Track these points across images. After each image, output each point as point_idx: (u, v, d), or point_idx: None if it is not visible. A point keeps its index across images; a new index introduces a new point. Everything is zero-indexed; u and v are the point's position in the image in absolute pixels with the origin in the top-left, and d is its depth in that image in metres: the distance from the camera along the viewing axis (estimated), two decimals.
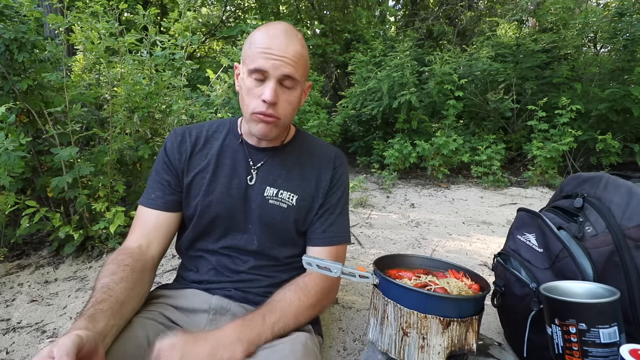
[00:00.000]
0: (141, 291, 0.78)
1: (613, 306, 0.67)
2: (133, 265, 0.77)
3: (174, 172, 0.89)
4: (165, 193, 0.88)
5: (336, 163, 0.95)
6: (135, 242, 0.84)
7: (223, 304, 0.85)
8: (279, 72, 0.76)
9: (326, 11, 7.29)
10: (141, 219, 0.88)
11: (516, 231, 1.04)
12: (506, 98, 3.95)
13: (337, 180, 0.93)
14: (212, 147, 0.91)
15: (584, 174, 0.98)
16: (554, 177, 3.38)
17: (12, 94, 1.70)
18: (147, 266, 0.82)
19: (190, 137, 0.91)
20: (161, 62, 2.28)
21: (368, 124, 4.63)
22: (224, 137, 0.93)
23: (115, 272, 0.74)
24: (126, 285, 0.73)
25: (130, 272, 0.75)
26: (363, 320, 1.28)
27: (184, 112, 2.19)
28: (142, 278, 0.79)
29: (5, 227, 1.77)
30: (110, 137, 1.90)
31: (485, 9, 6.58)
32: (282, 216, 0.88)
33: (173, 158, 0.89)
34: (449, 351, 0.74)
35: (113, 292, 0.69)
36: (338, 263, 0.78)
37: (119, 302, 0.69)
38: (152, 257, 0.85)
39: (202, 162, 0.89)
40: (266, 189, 0.88)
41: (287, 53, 0.76)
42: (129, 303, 0.72)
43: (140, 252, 0.82)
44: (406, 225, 2.44)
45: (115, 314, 0.67)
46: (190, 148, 0.90)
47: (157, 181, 0.89)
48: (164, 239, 0.88)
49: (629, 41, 3.53)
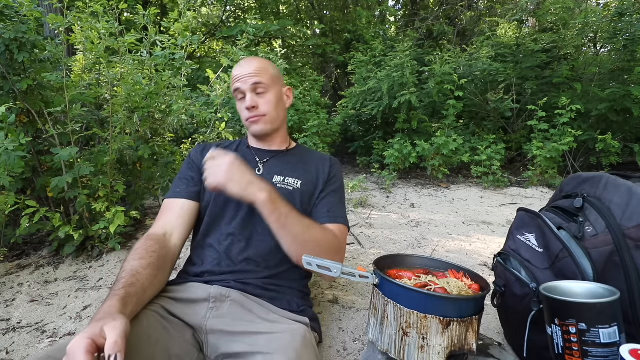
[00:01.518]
0: (163, 279, 0.84)
1: (613, 306, 0.67)
2: (159, 252, 0.84)
3: (196, 169, 1.03)
4: (188, 185, 1.01)
5: (332, 162, 1.12)
6: (162, 229, 0.92)
7: (222, 292, 0.87)
8: (248, 84, 1.00)
9: (326, 11, 7.29)
10: (167, 209, 0.98)
11: (516, 231, 1.04)
12: (506, 98, 3.95)
13: (334, 175, 1.09)
14: (227, 151, 1.00)
15: (584, 174, 0.98)
16: (554, 177, 3.38)
17: (12, 94, 1.70)
18: (169, 254, 0.88)
19: (209, 147, 1.06)
20: (161, 62, 2.28)
21: (368, 124, 4.64)
22: (236, 146, 1.12)
23: (143, 257, 0.79)
24: (151, 272, 0.78)
25: (156, 259, 0.81)
26: (363, 320, 1.28)
27: (184, 112, 2.19)
28: (165, 266, 0.85)
29: (5, 227, 1.77)
30: (110, 137, 1.90)
31: (485, 9, 6.58)
32: (289, 197, 0.97)
33: (196, 159, 1.05)
34: (449, 351, 0.74)
35: (140, 277, 0.75)
36: (338, 263, 0.79)
37: (144, 288, 0.74)
38: (175, 246, 0.92)
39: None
40: (274, 177, 1.02)
41: (250, 69, 1.00)
42: (151, 290, 0.78)
43: (165, 240, 0.90)
44: (406, 225, 2.44)
45: (139, 300, 0.72)
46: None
47: (181, 178, 1.03)
48: (186, 227, 0.96)
49: (629, 41, 3.53)
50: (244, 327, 0.80)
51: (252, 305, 0.87)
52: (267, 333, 0.78)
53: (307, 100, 4.43)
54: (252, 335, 0.78)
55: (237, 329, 0.80)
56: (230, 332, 0.79)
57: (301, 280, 1.02)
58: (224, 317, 0.83)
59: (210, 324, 0.81)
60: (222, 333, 0.80)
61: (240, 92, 1.01)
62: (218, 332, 0.80)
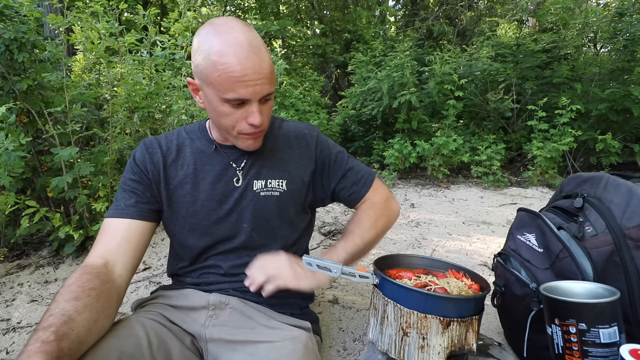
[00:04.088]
0: (105, 323, 0.65)
1: (613, 306, 0.67)
2: (100, 288, 0.66)
3: (146, 183, 0.83)
4: (138, 201, 0.81)
5: (309, 139, 0.92)
6: (101, 258, 0.73)
7: (222, 299, 0.84)
8: (259, 95, 0.73)
9: (326, 11, 7.29)
10: (108, 231, 0.78)
11: (516, 231, 1.04)
12: (506, 98, 3.95)
13: (321, 150, 0.93)
14: (186, 156, 0.86)
15: (584, 174, 0.98)
16: (554, 177, 3.38)
17: (12, 94, 1.70)
18: (113, 290, 0.70)
19: (161, 148, 0.86)
20: (161, 62, 2.28)
21: (368, 124, 4.63)
22: (196, 145, 0.88)
23: (79, 297, 0.62)
24: (89, 317, 0.60)
25: (95, 299, 0.63)
26: (363, 320, 1.28)
27: (184, 112, 2.19)
28: (109, 306, 0.67)
29: (5, 227, 1.77)
30: (110, 137, 1.90)
31: (485, 9, 6.58)
32: (277, 204, 0.86)
33: (145, 169, 0.83)
34: (449, 351, 0.74)
35: (75, 325, 0.57)
36: (338, 263, 0.78)
37: (79, 339, 0.57)
38: (121, 278, 0.74)
39: (178, 174, 0.85)
40: (254, 183, 0.85)
41: (262, 73, 0.71)
42: (89, 340, 0.60)
43: (107, 272, 0.71)
44: (406, 225, 2.44)
45: (72, 357, 0.56)
46: (162, 159, 0.85)
47: (128, 190, 0.82)
48: (134, 254, 0.77)
49: (629, 41, 3.52)
50: (244, 336, 0.77)
51: (252, 312, 0.84)
52: (267, 342, 0.75)
53: (307, 100, 4.44)
54: (253, 345, 0.75)
55: (237, 338, 0.77)
56: (230, 340, 0.77)
57: None
58: (224, 325, 0.80)
59: (209, 332, 0.79)
60: (222, 342, 0.77)
61: (239, 100, 0.73)
62: (218, 340, 0.78)
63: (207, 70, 0.71)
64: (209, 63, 0.70)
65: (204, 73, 0.72)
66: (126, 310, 1.36)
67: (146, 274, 1.70)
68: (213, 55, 0.69)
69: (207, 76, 0.71)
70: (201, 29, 0.74)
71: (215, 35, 0.71)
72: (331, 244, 0.86)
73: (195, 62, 0.74)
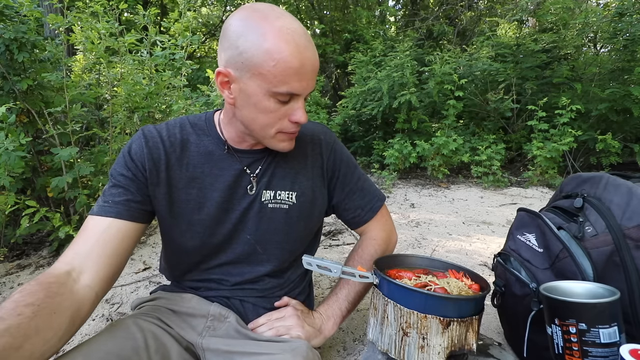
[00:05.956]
0: (39, 347, 0.51)
1: (613, 306, 0.67)
2: (41, 304, 0.53)
3: (141, 181, 0.73)
4: (130, 199, 0.71)
5: (325, 145, 0.87)
6: (67, 265, 0.62)
7: (222, 312, 0.82)
8: (308, 90, 0.68)
9: (326, 11, 7.29)
10: (85, 232, 0.67)
11: (516, 231, 1.04)
12: (506, 98, 3.95)
13: (333, 160, 0.87)
14: (191, 155, 0.78)
15: (584, 174, 0.98)
16: (554, 177, 3.38)
17: (12, 94, 1.70)
18: (69, 304, 0.57)
19: (163, 143, 0.76)
20: (161, 62, 2.28)
21: (368, 124, 4.64)
22: (204, 143, 0.78)
23: (2, 318, 0.49)
24: (8, 342, 0.47)
25: (28, 319, 0.51)
26: (363, 320, 1.28)
27: (184, 112, 2.19)
28: (52, 325, 0.53)
29: (5, 227, 1.77)
30: (110, 137, 1.90)
31: (485, 9, 6.58)
32: (285, 218, 0.81)
33: (142, 166, 0.73)
34: (449, 351, 0.74)
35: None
36: (338, 263, 0.79)
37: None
38: (89, 288, 0.62)
39: (183, 175, 0.77)
40: (263, 194, 0.79)
41: (315, 66, 0.66)
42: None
43: (66, 282, 0.59)
44: (406, 225, 2.43)
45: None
46: (165, 157, 0.75)
47: (118, 186, 0.72)
48: (111, 260, 0.66)
49: (629, 41, 3.53)
50: (242, 347, 0.74)
51: (250, 331, 0.82)
52: (266, 354, 0.72)
53: (307, 100, 4.43)
54: (251, 356, 0.72)
55: (235, 349, 0.74)
56: (228, 351, 0.74)
57: (301, 282, 0.97)
58: (221, 337, 0.78)
59: (206, 342, 0.77)
60: (219, 352, 0.75)
61: (289, 95, 0.66)
62: (215, 350, 0.75)
63: (257, 58, 0.62)
64: (260, 51, 0.62)
65: (251, 62, 0.63)
66: (126, 311, 1.36)
67: (146, 274, 1.70)
68: (267, 43, 0.61)
69: (257, 66, 0.62)
70: (237, 13, 0.65)
71: (264, 21, 0.62)
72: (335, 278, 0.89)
73: (237, 50, 0.63)
